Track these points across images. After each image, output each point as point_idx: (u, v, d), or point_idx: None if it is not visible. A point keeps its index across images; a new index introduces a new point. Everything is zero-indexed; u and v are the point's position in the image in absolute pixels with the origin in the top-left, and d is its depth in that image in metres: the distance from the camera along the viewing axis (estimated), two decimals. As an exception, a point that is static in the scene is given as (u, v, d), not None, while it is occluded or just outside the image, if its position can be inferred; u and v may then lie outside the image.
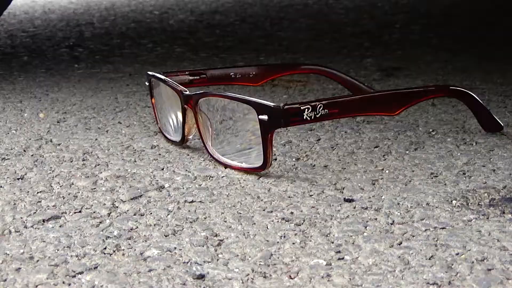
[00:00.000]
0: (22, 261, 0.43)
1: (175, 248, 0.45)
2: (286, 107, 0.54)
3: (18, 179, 0.57)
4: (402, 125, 0.70)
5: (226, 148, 0.58)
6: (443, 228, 0.47)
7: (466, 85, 0.85)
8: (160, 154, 0.62)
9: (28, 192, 0.54)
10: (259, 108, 0.54)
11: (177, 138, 0.63)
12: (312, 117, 0.55)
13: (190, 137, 0.62)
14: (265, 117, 0.54)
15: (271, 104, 0.54)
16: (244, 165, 0.57)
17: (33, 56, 1.09)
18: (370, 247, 0.44)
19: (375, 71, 0.94)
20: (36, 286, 0.41)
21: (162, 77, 0.64)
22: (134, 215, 0.50)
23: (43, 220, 0.49)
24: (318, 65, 0.79)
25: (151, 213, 0.50)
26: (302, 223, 0.48)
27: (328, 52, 1.08)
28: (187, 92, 0.59)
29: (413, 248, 0.44)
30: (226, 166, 0.58)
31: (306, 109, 0.55)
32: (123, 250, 0.45)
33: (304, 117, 0.55)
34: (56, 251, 0.45)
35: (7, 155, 0.62)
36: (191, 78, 0.69)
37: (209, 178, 0.56)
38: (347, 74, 0.77)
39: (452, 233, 0.46)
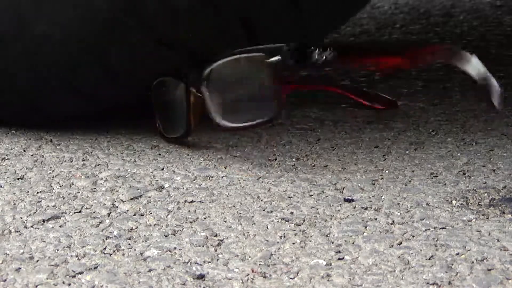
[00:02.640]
0: (22, 261, 0.43)
1: (175, 248, 0.45)
2: (295, 48, 0.54)
3: (18, 179, 0.57)
4: (402, 125, 0.69)
5: (236, 116, 0.57)
6: (443, 228, 0.47)
7: (466, 84, 0.84)
8: (160, 154, 0.62)
9: (28, 192, 0.54)
10: (269, 52, 0.54)
11: (180, 132, 0.62)
12: (321, 61, 0.55)
13: (194, 127, 0.61)
14: (274, 59, 0.54)
15: (280, 45, 0.54)
16: (254, 122, 0.56)
17: (33, 56, 1.09)
18: (370, 247, 0.44)
19: (375, 71, 0.94)
20: (36, 286, 0.41)
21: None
22: (134, 215, 0.50)
23: (43, 220, 0.49)
24: None
25: (151, 213, 0.50)
26: (302, 223, 0.48)
27: (328, 52, 1.08)
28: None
29: (413, 248, 0.44)
30: (237, 129, 0.57)
31: (316, 51, 0.54)
32: (123, 250, 0.45)
33: (313, 60, 0.54)
34: (56, 251, 0.45)
35: (7, 155, 0.62)
36: None
37: (209, 178, 0.56)
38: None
39: (452, 233, 0.46)
